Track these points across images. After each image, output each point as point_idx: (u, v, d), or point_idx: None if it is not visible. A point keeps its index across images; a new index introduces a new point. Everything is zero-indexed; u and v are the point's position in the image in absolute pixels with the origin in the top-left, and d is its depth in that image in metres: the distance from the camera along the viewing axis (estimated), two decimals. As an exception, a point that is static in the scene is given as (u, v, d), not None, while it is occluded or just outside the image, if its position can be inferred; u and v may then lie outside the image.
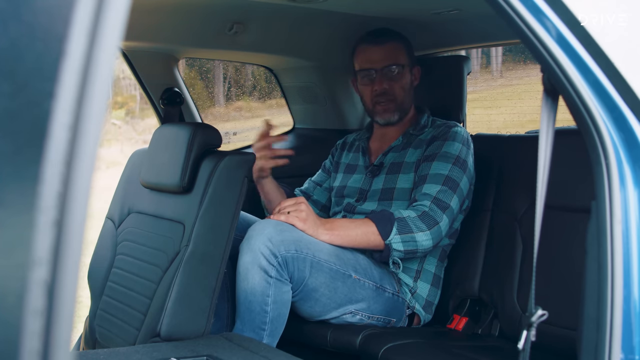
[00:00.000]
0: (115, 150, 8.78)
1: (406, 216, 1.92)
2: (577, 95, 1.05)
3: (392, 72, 2.13)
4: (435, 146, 2.07)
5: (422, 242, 1.91)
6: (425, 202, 1.95)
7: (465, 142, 2.07)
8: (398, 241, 1.90)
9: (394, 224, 1.90)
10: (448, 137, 2.06)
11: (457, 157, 2.03)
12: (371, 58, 2.15)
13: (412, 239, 1.90)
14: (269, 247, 1.79)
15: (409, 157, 2.12)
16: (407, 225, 1.90)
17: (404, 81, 2.16)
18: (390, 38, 2.16)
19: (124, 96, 9.01)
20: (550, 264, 1.83)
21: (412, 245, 1.91)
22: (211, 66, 4.17)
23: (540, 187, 1.06)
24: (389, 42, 2.15)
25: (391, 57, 2.14)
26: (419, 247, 1.92)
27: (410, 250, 1.92)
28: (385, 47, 2.15)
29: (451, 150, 2.03)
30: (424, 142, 2.12)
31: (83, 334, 2.13)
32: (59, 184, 0.52)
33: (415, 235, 1.90)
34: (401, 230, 1.90)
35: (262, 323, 1.82)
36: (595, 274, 1.05)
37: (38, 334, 0.51)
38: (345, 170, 2.29)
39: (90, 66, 0.53)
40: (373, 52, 2.15)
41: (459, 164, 2.02)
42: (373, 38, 2.17)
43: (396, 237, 1.90)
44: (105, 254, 2.08)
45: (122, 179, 2.19)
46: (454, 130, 2.09)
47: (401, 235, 1.90)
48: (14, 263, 0.51)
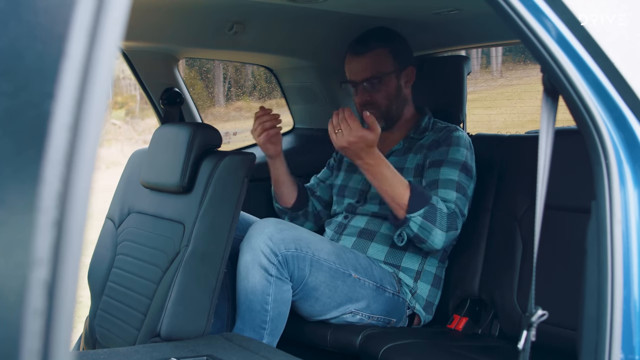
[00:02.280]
0: (115, 150, 8.78)
1: (438, 208, 1.89)
2: (577, 95, 1.05)
3: (373, 84, 2.09)
4: (441, 152, 2.04)
5: (434, 239, 1.90)
6: (450, 205, 1.93)
7: (469, 147, 2.06)
8: (417, 222, 1.87)
9: (424, 206, 1.87)
10: (452, 143, 2.04)
11: (464, 164, 2.02)
12: (352, 69, 2.12)
13: (429, 230, 1.88)
14: (269, 245, 1.79)
15: (409, 163, 2.10)
16: (434, 215, 1.88)
17: (388, 89, 2.11)
18: (370, 47, 2.10)
19: (124, 96, 9.01)
20: (550, 264, 1.83)
21: (425, 235, 1.89)
22: (211, 66, 4.17)
23: (540, 187, 1.06)
24: (370, 52, 2.09)
25: (371, 68, 2.09)
26: (428, 241, 1.90)
27: (420, 237, 1.90)
28: (364, 58, 2.09)
29: (458, 156, 2.02)
30: (424, 147, 2.10)
31: (83, 334, 2.13)
32: (59, 184, 0.52)
33: (434, 228, 1.88)
34: (426, 216, 1.87)
35: (263, 322, 1.82)
36: (595, 274, 1.05)
37: (38, 334, 0.51)
38: (347, 169, 2.29)
39: (90, 66, 0.53)
40: (354, 63, 2.12)
41: (465, 171, 2.01)
42: (355, 47, 2.12)
43: (418, 218, 1.87)
44: (105, 254, 2.08)
45: (122, 179, 2.19)
46: (457, 135, 2.07)
47: (423, 219, 1.87)
48: (14, 263, 0.51)
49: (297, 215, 2.32)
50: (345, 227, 2.15)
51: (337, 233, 2.15)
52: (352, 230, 2.13)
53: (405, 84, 2.16)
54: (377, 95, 2.10)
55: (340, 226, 2.17)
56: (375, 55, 2.10)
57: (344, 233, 2.14)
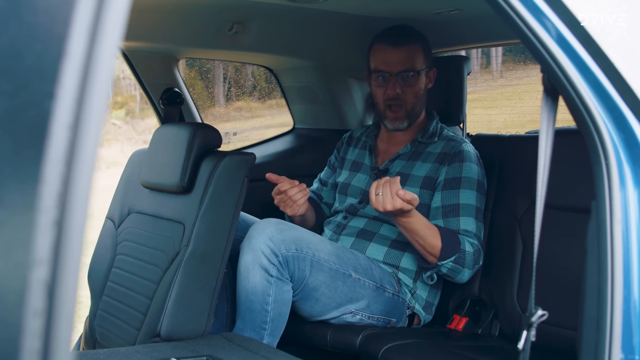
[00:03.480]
0: (115, 150, 8.78)
1: (467, 251, 1.93)
2: (577, 95, 1.05)
3: (407, 77, 2.08)
4: (455, 169, 2.03)
5: (462, 276, 1.96)
6: (474, 241, 1.96)
7: (478, 161, 2.07)
8: (448, 267, 1.94)
9: (455, 254, 1.92)
10: (464, 159, 2.04)
11: (479, 182, 2.03)
12: (388, 60, 2.08)
13: (458, 271, 1.94)
14: (269, 246, 1.79)
15: (417, 171, 2.09)
16: (463, 259, 1.93)
17: (418, 87, 2.11)
18: (409, 41, 2.09)
19: (124, 96, 9.01)
20: (550, 264, 1.83)
21: (454, 274, 1.95)
22: (211, 66, 4.17)
23: (540, 187, 1.06)
24: (408, 45, 2.08)
25: (408, 61, 2.08)
26: (456, 278, 1.97)
27: (449, 276, 1.97)
28: (403, 50, 2.08)
29: (472, 175, 2.02)
30: (433, 156, 2.09)
31: (83, 334, 2.13)
32: (59, 184, 0.52)
33: (463, 269, 1.94)
34: (457, 261, 1.93)
35: (263, 322, 1.82)
36: (595, 274, 1.05)
37: (38, 334, 0.51)
38: (350, 168, 2.28)
39: (90, 66, 0.53)
40: (390, 54, 2.08)
41: (481, 191, 2.04)
42: (392, 39, 2.09)
43: (449, 263, 1.93)
44: (105, 254, 2.08)
45: (122, 179, 2.19)
46: (466, 149, 2.06)
47: (454, 264, 1.93)
48: (14, 263, 0.51)
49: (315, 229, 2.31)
50: (345, 227, 2.15)
51: (336, 233, 2.15)
52: (351, 230, 2.12)
53: (428, 84, 2.17)
54: (408, 90, 2.10)
55: (339, 226, 2.16)
56: (413, 50, 2.10)
57: (342, 233, 2.13)
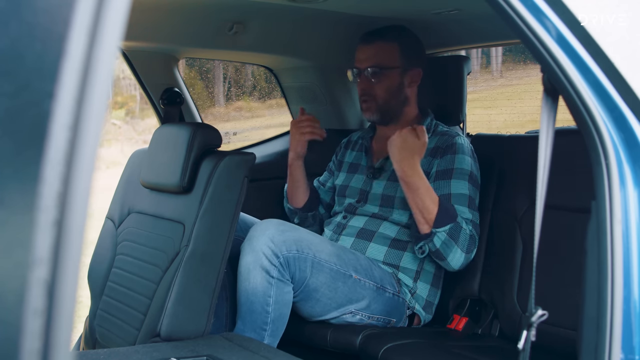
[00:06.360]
0: (115, 150, 8.78)
1: (463, 227, 1.92)
2: (577, 95, 1.05)
3: (374, 73, 2.11)
4: (447, 160, 2.04)
5: (454, 258, 1.93)
6: (470, 227, 1.95)
7: (472, 154, 2.07)
8: (441, 238, 1.90)
9: (450, 224, 1.89)
10: (457, 151, 2.04)
11: (471, 173, 2.03)
12: (358, 56, 2.16)
13: (450, 247, 1.91)
14: (270, 247, 1.79)
15: None
16: (458, 234, 1.91)
17: (387, 83, 2.12)
18: (381, 37, 2.13)
19: (124, 96, 9.01)
20: (550, 264, 1.83)
21: (446, 251, 1.92)
22: (211, 66, 4.17)
23: (540, 187, 1.06)
24: (378, 42, 2.12)
25: (375, 57, 2.12)
26: (448, 259, 1.93)
27: (441, 253, 1.93)
28: (372, 47, 2.13)
29: (464, 166, 2.02)
30: (426, 151, 2.07)
31: (83, 334, 2.13)
32: (59, 184, 0.52)
33: (455, 247, 1.91)
34: (451, 233, 1.90)
35: (264, 323, 1.82)
36: (595, 274, 1.05)
37: (38, 334, 0.51)
38: (348, 170, 2.29)
39: (90, 66, 0.53)
40: (361, 51, 2.16)
41: (473, 182, 2.03)
42: (364, 36, 2.16)
43: (443, 234, 1.89)
44: (105, 254, 2.08)
45: (122, 179, 2.19)
46: (459, 142, 2.06)
47: (447, 236, 1.90)
48: (14, 263, 0.51)
49: (307, 217, 2.33)
50: (344, 227, 2.15)
51: (336, 233, 2.15)
52: (350, 230, 2.13)
53: (409, 83, 2.16)
54: (375, 86, 2.13)
55: (339, 226, 2.17)
56: (382, 47, 2.13)
57: (342, 233, 2.14)
